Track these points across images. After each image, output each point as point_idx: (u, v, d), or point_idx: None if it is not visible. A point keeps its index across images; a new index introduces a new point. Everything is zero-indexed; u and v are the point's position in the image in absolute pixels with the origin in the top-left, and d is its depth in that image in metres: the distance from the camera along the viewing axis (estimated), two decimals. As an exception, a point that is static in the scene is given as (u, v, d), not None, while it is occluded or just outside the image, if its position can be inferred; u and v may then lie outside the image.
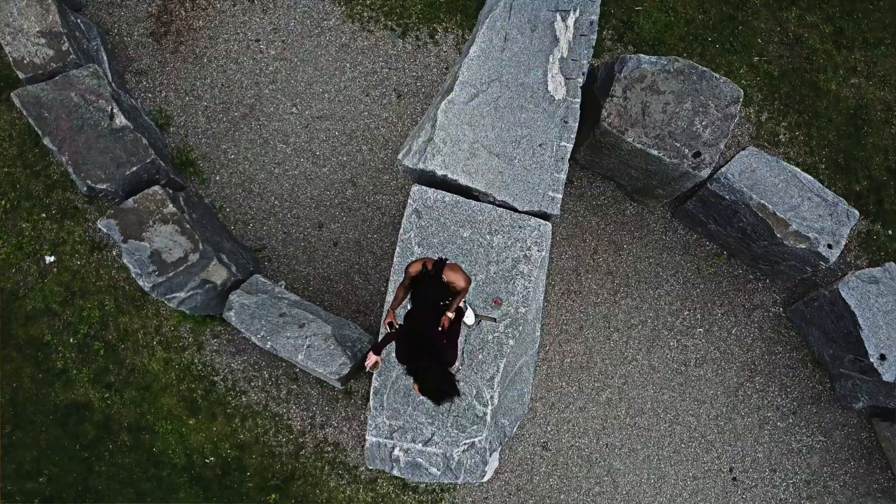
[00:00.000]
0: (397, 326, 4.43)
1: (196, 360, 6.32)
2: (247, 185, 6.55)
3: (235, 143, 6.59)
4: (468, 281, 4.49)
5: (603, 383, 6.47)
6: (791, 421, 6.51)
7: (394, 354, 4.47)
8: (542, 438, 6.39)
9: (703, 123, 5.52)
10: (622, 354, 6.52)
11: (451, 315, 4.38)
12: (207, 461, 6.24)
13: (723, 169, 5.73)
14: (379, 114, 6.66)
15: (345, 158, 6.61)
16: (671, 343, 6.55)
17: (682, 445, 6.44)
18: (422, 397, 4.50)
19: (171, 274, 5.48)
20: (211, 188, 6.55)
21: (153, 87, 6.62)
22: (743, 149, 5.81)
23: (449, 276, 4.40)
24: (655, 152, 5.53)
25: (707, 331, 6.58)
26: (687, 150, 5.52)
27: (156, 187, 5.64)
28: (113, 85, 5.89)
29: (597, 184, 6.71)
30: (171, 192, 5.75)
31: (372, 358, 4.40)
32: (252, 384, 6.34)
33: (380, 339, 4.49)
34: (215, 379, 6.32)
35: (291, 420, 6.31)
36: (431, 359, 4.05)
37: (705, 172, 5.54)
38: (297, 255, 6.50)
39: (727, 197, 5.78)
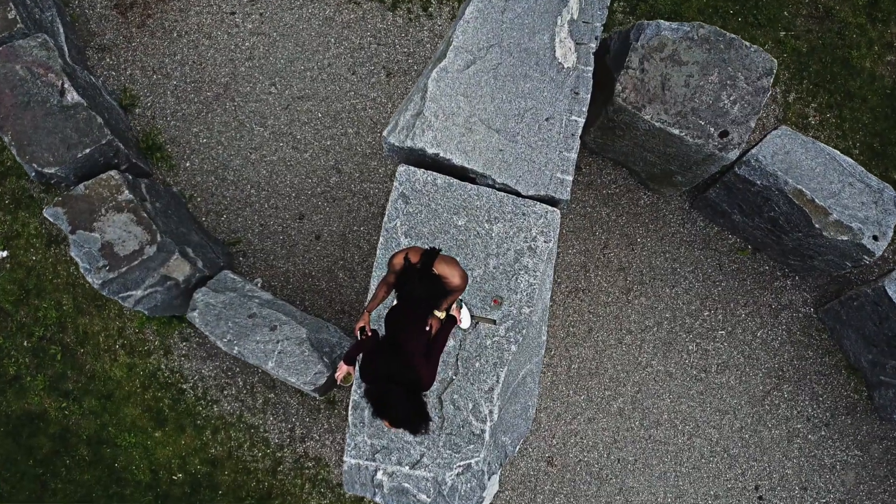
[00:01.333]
0: (369, 333, 3.71)
1: (163, 366, 5.94)
2: (220, 172, 6.14)
3: (208, 126, 6.17)
4: (464, 278, 3.70)
5: (614, 392, 6.09)
6: (823, 433, 6.10)
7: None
8: (547, 453, 6.01)
9: (732, 98, 4.94)
10: (635, 360, 6.12)
11: (440, 315, 3.70)
12: (175, 478, 5.88)
13: (753, 150, 5.18)
14: (366, 94, 6.23)
15: (328, 143, 6.19)
16: (690, 347, 6.15)
17: (703, 461, 6.04)
18: (395, 430, 3.86)
19: (124, 269, 4.90)
20: (180, 175, 6.12)
21: (117, 65, 6.19)
22: (775, 128, 5.28)
23: (441, 269, 3.59)
24: (676, 131, 4.97)
25: (729, 333, 6.17)
26: (712, 129, 4.95)
27: (111, 172, 5.08)
28: (66, 57, 5.34)
29: (608, 170, 6.28)
30: (130, 177, 5.19)
31: (342, 368, 3.76)
32: (225, 393, 5.92)
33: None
34: (184, 387, 5.93)
35: (268, 432, 5.91)
36: (398, 375, 3.33)
37: (733, 154, 4.97)
38: (275, 249, 6.09)
39: (758, 182, 5.21)
